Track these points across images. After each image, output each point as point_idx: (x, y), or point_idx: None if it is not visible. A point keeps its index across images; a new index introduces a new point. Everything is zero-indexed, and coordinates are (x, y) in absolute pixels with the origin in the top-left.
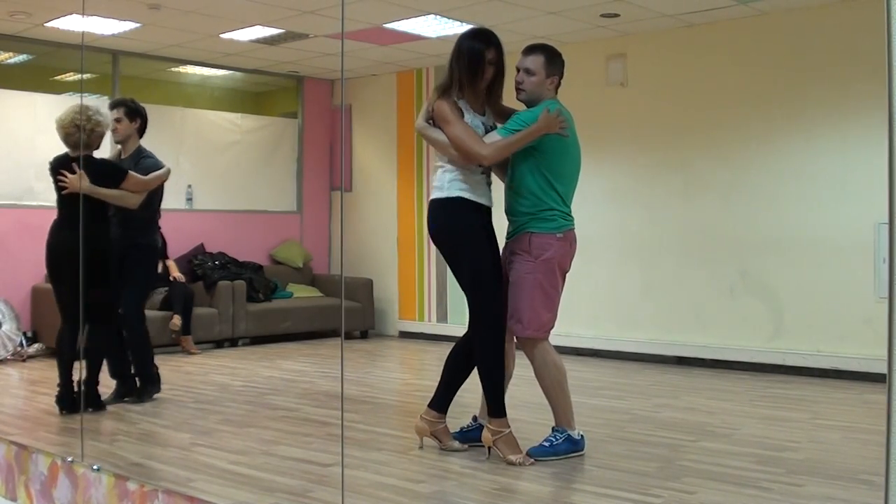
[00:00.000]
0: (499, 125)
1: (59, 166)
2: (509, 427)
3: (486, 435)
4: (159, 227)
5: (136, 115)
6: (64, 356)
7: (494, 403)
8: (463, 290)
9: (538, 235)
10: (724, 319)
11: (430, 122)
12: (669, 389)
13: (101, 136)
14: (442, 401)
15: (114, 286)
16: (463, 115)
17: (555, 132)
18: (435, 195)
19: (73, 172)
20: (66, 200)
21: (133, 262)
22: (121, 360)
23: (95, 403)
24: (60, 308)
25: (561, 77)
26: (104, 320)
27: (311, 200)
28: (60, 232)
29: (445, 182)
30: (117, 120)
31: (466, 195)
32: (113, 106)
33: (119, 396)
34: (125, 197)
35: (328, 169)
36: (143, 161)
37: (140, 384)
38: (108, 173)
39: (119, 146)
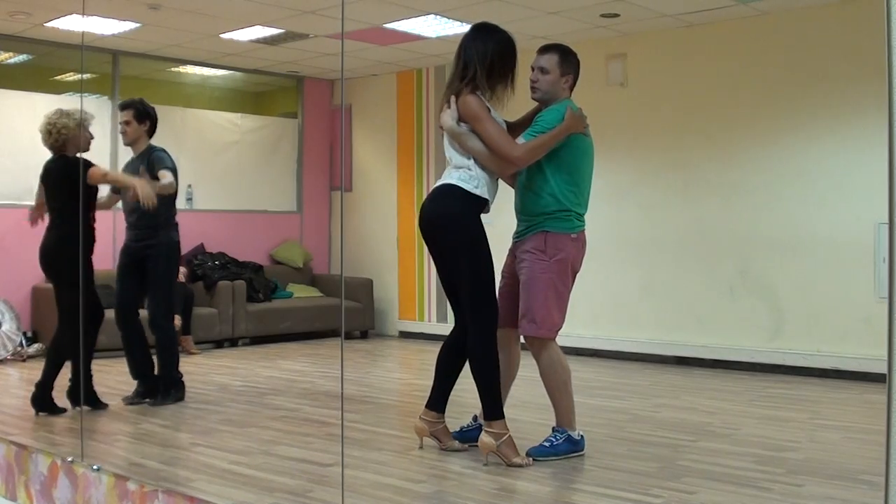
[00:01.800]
0: None
1: (47, 170)
2: (508, 430)
3: (486, 440)
4: (177, 224)
5: (145, 118)
6: (62, 356)
7: (492, 405)
8: (458, 286)
9: (554, 235)
10: (724, 319)
11: (460, 122)
12: (669, 389)
13: (69, 139)
14: (438, 401)
15: (131, 286)
16: (489, 111)
17: (580, 131)
18: (444, 181)
19: (57, 175)
20: (52, 204)
21: (153, 262)
22: (143, 360)
23: (51, 407)
24: (59, 308)
25: (576, 76)
26: (89, 320)
27: (311, 200)
28: (48, 233)
29: (472, 179)
30: (126, 122)
31: (480, 192)
32: (122, 108)
33: (140, 396)
34: (166, 186)
35: (328, 169)
36: (153, 155)
37: (163, 387)
38: (76, 173)
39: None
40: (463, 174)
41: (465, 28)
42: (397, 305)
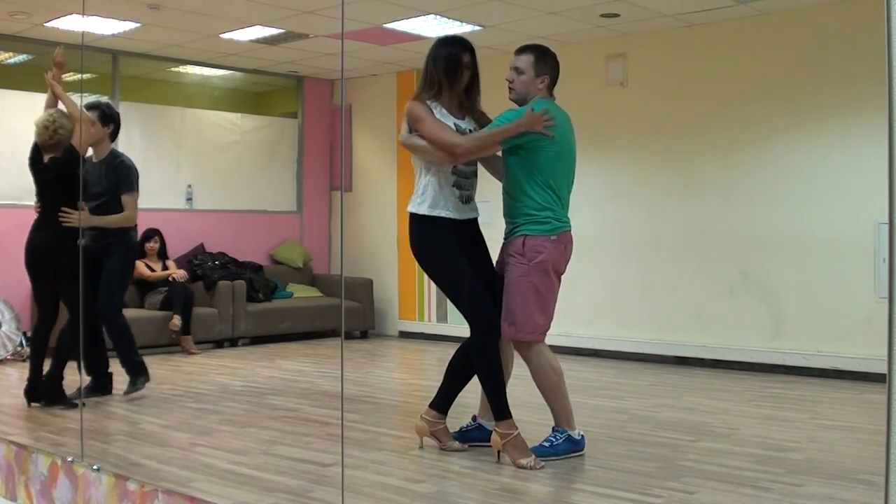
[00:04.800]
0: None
1: (33, 162)
2: (517, 429)
3: (495, 439)
4: (136, 226)
5: (109, 120)
6: (39, 351)
7: (497, 406)
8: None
9: (532, 238)
10: (724, 319)
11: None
12: (669, 389)
13: (62, 141)
14: (443, 402)
15: (90, 285)
16: (433, 114)
17: (538, 131)
18: (410, 209)
19: (43, 165)
20: (45, 201)
21: (109, 260)
22: (96, 357)
23: (62, 399)
24: (39, 305)
25: (553, 77)
26: (80, 317)
27: (311, 200)
28: (38, 232)
29: (418, 196)
30: (91, 123)
31: (437, 212)
32: (87, 109)
33: (92, 392)
34: (128, 219)
35: (328, 169)
36: (119, 165)
37: (130, 376)
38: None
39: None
40: (414, 195)
41: (466, 28)
42: (397, 305)
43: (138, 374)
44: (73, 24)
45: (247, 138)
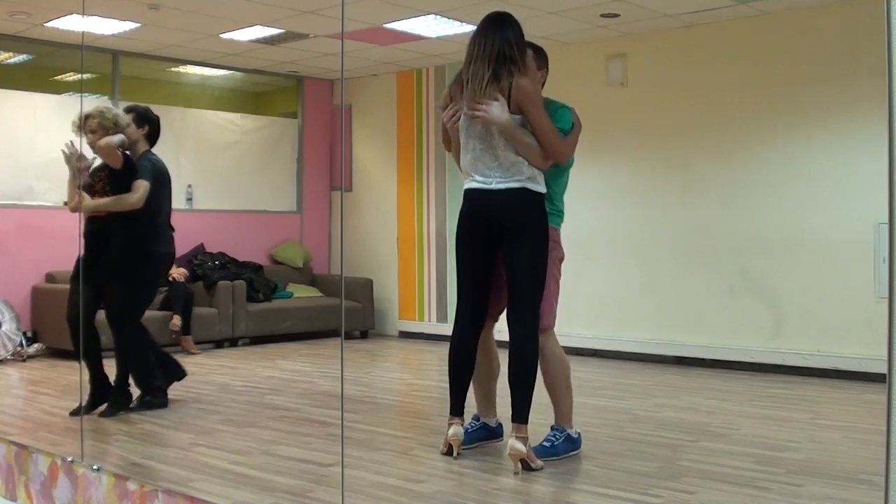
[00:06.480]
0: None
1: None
2: None
3: (519, 447)
4: (172, 232)
5: (143, 122)
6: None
7: (528, 408)
8: (525, 286)
9: (554, 230)
10: (724, 319)
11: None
12: (669, 389)
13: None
14: (462, 405)
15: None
16: None
17: None
18: (539, 188)
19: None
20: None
21: (137, 268)
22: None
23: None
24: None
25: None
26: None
27: (311, 200)
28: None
29: (538, 174)
30: (126, 125)
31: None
32: (125, 112)
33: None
34: (122, 200)
35: (328, 169)
36: (140, 162)
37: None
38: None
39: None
40: (528, 171)
41: (466, 28)
42: (397, 305)
43: (151, 398)
44: (73, 24)
45: (247, 138)
